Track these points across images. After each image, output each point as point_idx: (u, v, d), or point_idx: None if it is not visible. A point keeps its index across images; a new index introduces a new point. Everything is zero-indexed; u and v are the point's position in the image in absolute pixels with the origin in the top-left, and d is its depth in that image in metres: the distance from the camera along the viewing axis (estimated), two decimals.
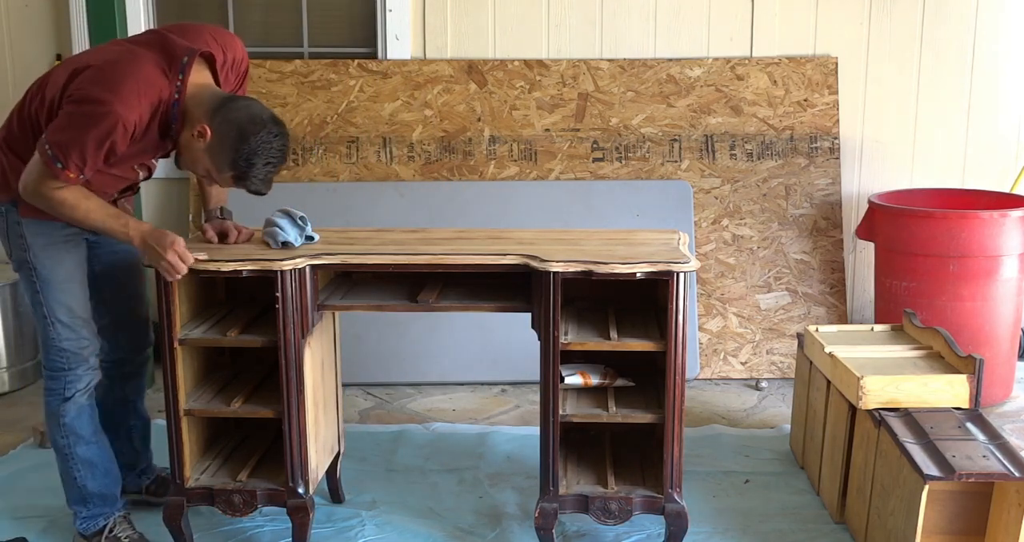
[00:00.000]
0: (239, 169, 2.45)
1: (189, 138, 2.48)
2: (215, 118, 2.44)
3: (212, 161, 2.47)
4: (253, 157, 2.43)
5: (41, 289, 2.64)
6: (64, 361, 2.68)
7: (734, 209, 4.29)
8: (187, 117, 2.47)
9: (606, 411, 2.68)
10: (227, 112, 2.44)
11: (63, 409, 2.71)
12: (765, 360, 4.21)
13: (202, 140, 2.45)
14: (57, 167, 2.40)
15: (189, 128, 2.47)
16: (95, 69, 2.44)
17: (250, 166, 2.44)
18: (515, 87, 4.34)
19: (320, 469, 2.88)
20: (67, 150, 2.38)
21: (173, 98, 2.46)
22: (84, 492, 2.78)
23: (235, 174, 2.47)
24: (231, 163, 2.45)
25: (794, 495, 3.14)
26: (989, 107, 4.41)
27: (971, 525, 2.68)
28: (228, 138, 2.43)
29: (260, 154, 2.43)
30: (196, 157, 2.50)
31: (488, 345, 4.11)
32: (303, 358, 2.64)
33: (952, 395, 2.78)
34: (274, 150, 2.45)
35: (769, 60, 4.33)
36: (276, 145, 2.45)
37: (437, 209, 4.16)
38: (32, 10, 4.34)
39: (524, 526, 2.93)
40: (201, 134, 2.44)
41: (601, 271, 2.54)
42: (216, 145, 2.44)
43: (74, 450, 2.74)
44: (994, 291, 3.74)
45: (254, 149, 2.42)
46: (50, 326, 2.66)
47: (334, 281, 2.88)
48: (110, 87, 2.39)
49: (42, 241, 2.62)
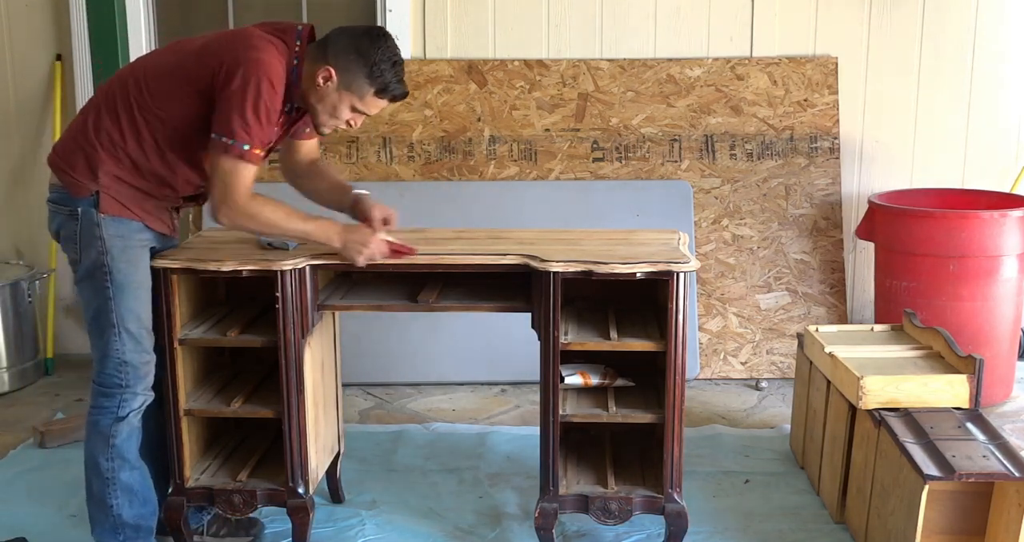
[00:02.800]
0: (379, 82, 2.51)
1: (318, 92, 2.52)
2: (328, 57, 2.50)
3: (351, 91, 2.52)
4: (382, 64, 2.49)
5: (114, 295, 2.50)
6: (123, 377, 2.54)
7: (734, 209, 4.29)
8: (307, 79, 2.53)
9: (606, 411, 2.68)
10: (332, 46, 2.51)
11: (115, 429, 2.55)
12: (765, 360, 4.21)
13: (330, 83, 2.50)
14: (242, 149, 2.41)
15: (313, 85, 2.52)
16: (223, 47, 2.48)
17: (384, 73, 2.50)
18: (515, 87, 4.34)
19: (320, 469, 2.88)
20: (246, 125, 2.41)
21: (294, 63, 2.52)
22: (118, 521, 2.60)
23: (377, 88, 2.52)
24: (369, 80, 2.50)
25: (794, 495, 3.14)
26: (989, 107, 4.41)
27: (971, 525, 2.68)
28: (351, 62, 2.49)
29: (385, 58, 2.50)
30: (334, 101, 2.53)
31: (488, 345, 4.11)
32: (303, 358, 2.64)
33: (952, 395, 2.78)
34: (391, 48, 2.52)
35: (769, 60, 4.33)
36: (390, 43, 2.53)
37: (437, 209, 4.16)
38: (32, 10, 4.34)
39: (524, 526, 2.93)
40: (327, 78, 2.50)
41: (601, 271, 2.54)
42: (345, 75, 2.50)
43: (118, 475, 2.57)
44: (994, 291, 3.74)
45: (378, 58, 2.49)
46: (116, 336, 2.51)
47: (334, 281, 2.89)
48: (251, 47, 2.45)
49: (120, 243, 2.50)
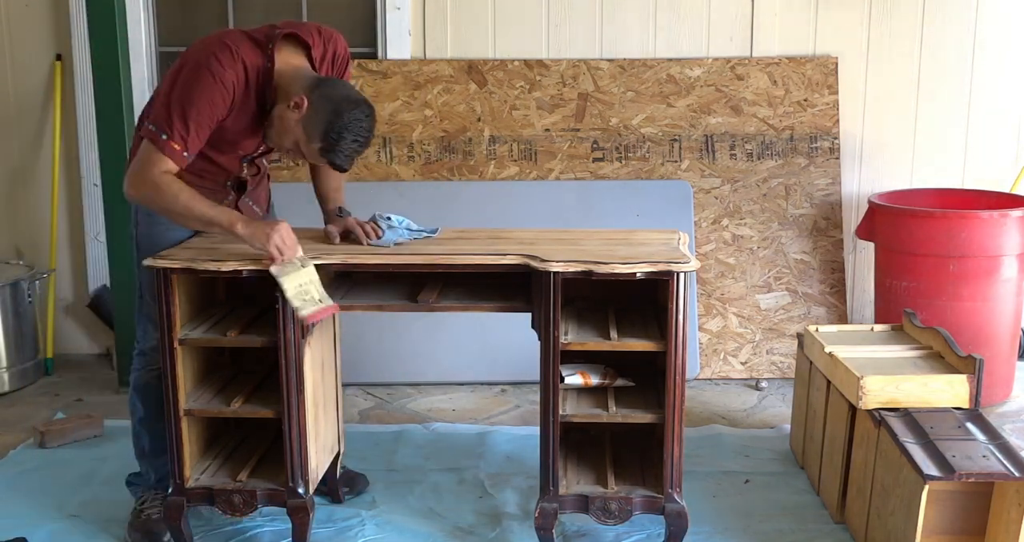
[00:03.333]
0: (329, 142, 2.53)
1: (284, 109, 2.57)
2: (314, 92, 2.54)
3: (304, 132, 2.55)
4: (344, 132, 2.52)
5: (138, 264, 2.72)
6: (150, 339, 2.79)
7: (734, 209, 4.29)
8: (282, 91, 2.57)
9: (606, 411, 2.68)
10: (325, 89, 2.56)
11: None
12: (765, 360, 4.21)
13: (298, 111, 2.54)
14: (162, 139, 2.49)
15: (284, 101, 2.56)
16: (191, 47, 2.58)
17: (339, 140, 2.53)
18: (515, 87, 4.34)
19: (320, 469, 2.88)
20: (170, 118, 2.49)
21: (265, 66, 2.56)
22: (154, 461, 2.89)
23: (323, 146, 2.55)
24: (322, 135, 2.53)
25: (794, 495, 3.14)
26: (989, 107, 4.41)
27: (971, 525, 2.68)
28: (323, 111, 2.52)
29: (351, 130, 2.52)
30: (288, 128, 2.57)
31: (488, 345, 4.11)
32: (303, 358, 2.64)
33: (952, 395, 2.78)
34: (363, 129, 2.55)
35: (769, 60, 4.33)
36: (366, 125, 2.56)
37: (437, 209, 4.16)
38: (32, 10, 4.34)
39: (524, 526, 2.93)
40: (298, 105, 2.53)
41: (601, 271, 2.54)
42: (311, 116, 2.53)
43: None
44: (994, 291, 3.74)
45: (346, 124, 2.51)
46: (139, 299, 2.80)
47: (334, 281, 2.88)
48: (203, 51, 2.54)
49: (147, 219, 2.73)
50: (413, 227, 2.84)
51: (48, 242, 4.42)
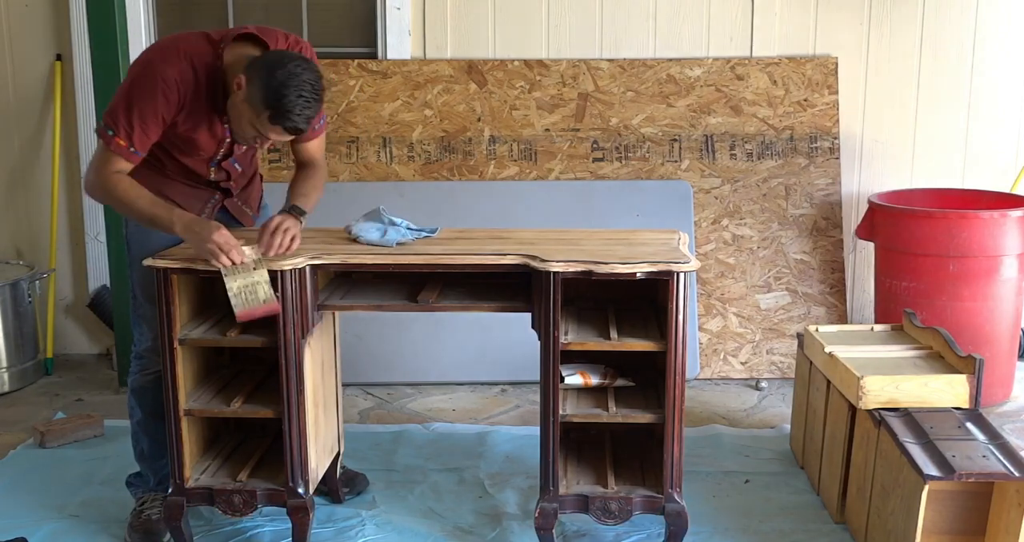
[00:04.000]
0: (273, 105, 2.41)
1: (233, 98, 2.51)
2: (249, 68, 2.47)
3: (251, 107, 2.45)
4: (283, 88, 2.39)
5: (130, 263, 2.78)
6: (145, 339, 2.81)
7: (734, 209, 4.29)
8: (230, 83, 2.51)
9: (606, 411, 2.68)
10: (259, 60, 2.48)
11: None
12: (765, 360, 4.21)
13: (240, 92, 2.47)
14: (108, 135, 2.51)
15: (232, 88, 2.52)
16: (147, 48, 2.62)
17: (283, 98, 2.40)
18: (515, 87, 4.34)
19: (320, 469, 2.88)
20: (115, 115, 2.51)
21: (216, 64, 2.52)
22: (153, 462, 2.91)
23: (271, 113, 2.42)
24: (264, 100, 2.41)
25: (794, 495, 3.14)
26: (989, 107, 4.41)
27: (971, 525, 2.68)
28: (258, 78, 2.43)
29: (290, 85, 2.39)
30: (240, 112, 2.50)
31: (488, 345, 4.11)
32: (303, 358, 2.64)
33: (952, 395, 2.78)
34: (303, 81, 2.41)
35: (769, 60, 4.33)
36: (305, 76, 2.42)
37: (437, 209, 4.16)
38: (32, 10, 4.34)
39: (524, 526, 2.93)
40: (239, 85, 2.47)
41: (601, 271, 2.54)
42: (250, 89, 2.44)
43: None
44: (994, 291, 3.74)
45: (283, 80, 2.39)
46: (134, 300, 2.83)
47: (334, 281, 2.88)
48: (152, 49, 2.58)
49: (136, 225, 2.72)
50: (413, 227, 2.84)
51: (48, 242, 4.42)
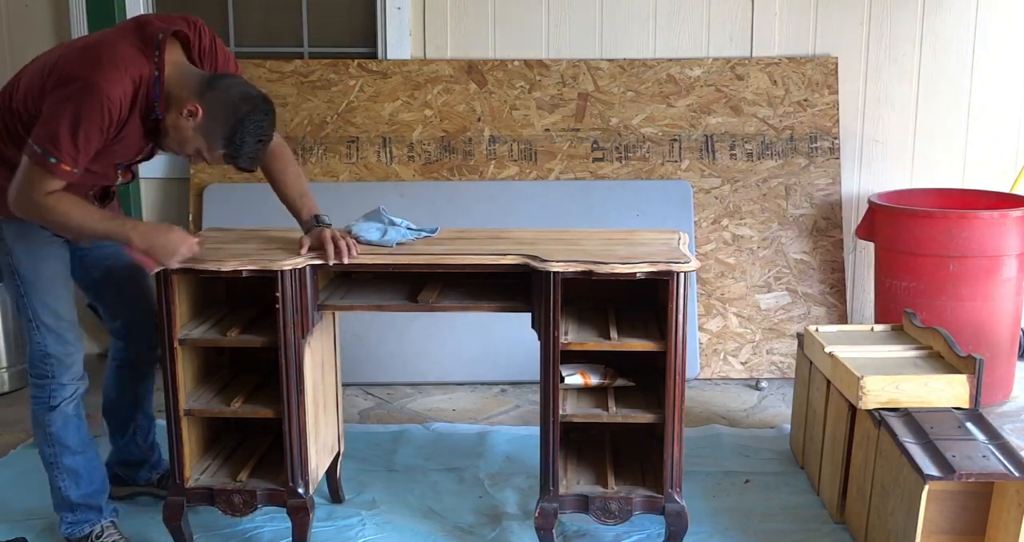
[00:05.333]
0: (232, 147, 2.45)
1: (176, 118, 2.46)
2: (205, 96, 2.43)
3: (205, 139, 2.46)
4: (246, 135, 2.43)
5: (26, 292, 2.64)
6: (49, 368, 2.69)
7: (734, 209, 4.29)
8: (172, 98, 2.45)
9: (606, 411, 2.68)
10: (217, 91, 2.44)
11: (49, 418, 2.72)
12: (765, 360, 4.21)
13: (192, 119, 2.44)
14: (51, 162, 2.36)
15: (176, 108, 2.45)
16: (72, 53, 2.45)
17: (242, 144, 2.44)
18: (515, 87, 4.34)
19: (320, 469, 2.88)
20: (56, 140, 2.35)
21: (153, 75, 2.44)
22: (68, 501, 2.78)
23: (227, 152, 2.47)
24: (224, 141, 2.44)
25: (794, 495, 3.14)
26: (989, 107, 4.41)
27: (971, 525, 2.68)
28: (220, 116, 2.42)
29: (252, 132, 2.44)
30: (186, 137, 2.48)
31: (488, 345, 4.11)
32: (303, 358, 2.64)
33: (952, 395, 2.78)
34: (264, 128, 2.47)
35: (769, 60, 4.33)
36: (267, 123, 2.48)
37: (437, 209, 4.16)
38: (32, 10, 4.34)
39: (524, 526, 2.93)
40: (192, 113, 2.43)
41: (601, 271, 2.54)
42: (208, 124, 2.44)
43: (60, 460, 2.74)
44: (994, 291, 3.74)
45: (247, 128, 2.42)
46: (35, 330, 2.67)
47: (334, 281, 2.88)
48: (89, 65, 2.39)
49: (23, 244, 2.61)
50: (413, 227, 2.84)
51: None
